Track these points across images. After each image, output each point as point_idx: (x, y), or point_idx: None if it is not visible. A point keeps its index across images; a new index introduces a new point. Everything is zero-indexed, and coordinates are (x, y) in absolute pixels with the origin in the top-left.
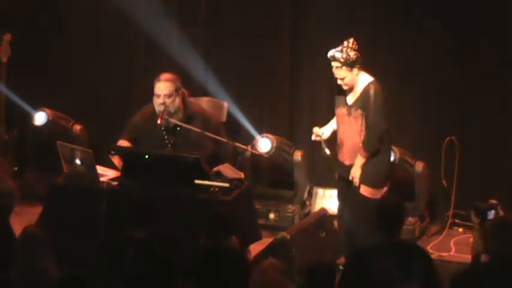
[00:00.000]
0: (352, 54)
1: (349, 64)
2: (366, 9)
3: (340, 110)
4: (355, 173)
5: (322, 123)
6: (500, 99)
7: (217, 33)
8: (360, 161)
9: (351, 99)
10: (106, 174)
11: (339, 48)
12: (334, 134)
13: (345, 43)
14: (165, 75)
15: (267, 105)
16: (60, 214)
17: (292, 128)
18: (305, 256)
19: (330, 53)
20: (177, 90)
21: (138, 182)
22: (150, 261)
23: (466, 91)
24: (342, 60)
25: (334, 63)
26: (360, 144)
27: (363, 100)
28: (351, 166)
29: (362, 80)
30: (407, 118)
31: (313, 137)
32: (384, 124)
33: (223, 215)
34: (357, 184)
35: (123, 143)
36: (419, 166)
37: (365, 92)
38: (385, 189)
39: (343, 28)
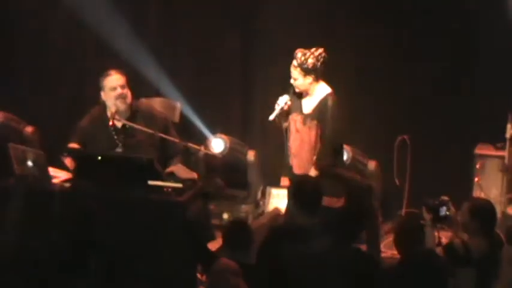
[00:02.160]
0: (310, 61)
1: (304, 69)
2: (318, 8)
3: (295, 116)
4: None
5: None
6: (450, 98)
7: (169, 33)
8: (313, 173)
9: (307, 108)
10: (58, 176)
11: (305, 51)
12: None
13: (313, 50)
14: (112, 70)
15: (220, 105)
16: (12, 217)
17: (245, 128)
18: None
19: (296, 51)
20: (127, 82)
21: (90, 184)
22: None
23: (417, 90)
24: (298, 61)
25: (293, 62)
26: (314, 157)
27: (320, 111)
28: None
29: (320, 90)
30: (360, 117)
31: (282, 104)
32: (341, 137)
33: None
34: None
35: (73, 146)
36: (371, 165)
37: (322, 103)
38: (343, 197)
39: (295, 27)
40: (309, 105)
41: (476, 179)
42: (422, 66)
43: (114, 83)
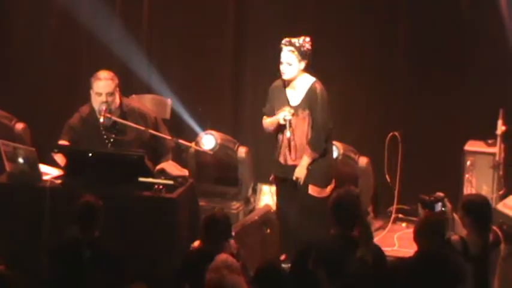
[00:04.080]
0: (307, 45)
1: (302, 53)
2: (309, 7)
3: (285, 109)
4: (301, 173)
5: None
6: (441, 95)
7: (160, 30)
8: (305, 161)
9: (294, 99)
10: (49, 172)
11: (297, 38)
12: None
13: (302, 37)
14: (105, 73)
15: (211, 102)
16: (3, 213)
17: (236, 125)
18: (250, 252)
19: (286, 39)
20: (116, 87)
21: (81, 180)
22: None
23: (408, 87)
24: (297, 45)
25: (288, 48)
26: (307, 145)
27: (309, 99)
28: (294, 166)
29: (304, 80)
30: (351, 113)
31: (288, 116)
32: (330, 123)
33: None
34: (302, 183)
35: (63, 144)
36: (362, 161)
37: (311, 91)
38: (331, 186)
39: (286, 26)
40: (295, 96)
41: (466, 176)
42: (414, 62)
43: (100, 89)
